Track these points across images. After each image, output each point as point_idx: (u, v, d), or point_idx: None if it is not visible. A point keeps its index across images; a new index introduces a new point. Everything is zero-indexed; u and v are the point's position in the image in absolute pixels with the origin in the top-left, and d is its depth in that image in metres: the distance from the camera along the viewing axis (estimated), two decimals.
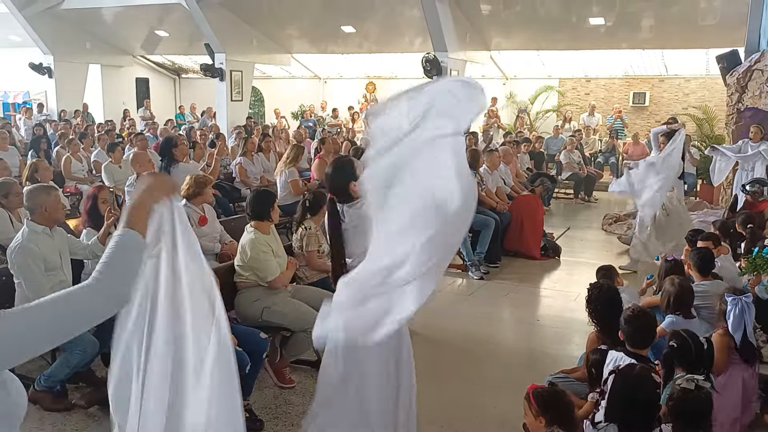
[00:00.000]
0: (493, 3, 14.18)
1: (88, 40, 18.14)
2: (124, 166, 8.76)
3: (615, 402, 2.83)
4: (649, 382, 2.84)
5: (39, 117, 16.64)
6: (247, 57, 16.95)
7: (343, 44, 17.99)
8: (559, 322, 6.24)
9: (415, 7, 13.55)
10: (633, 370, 2.88)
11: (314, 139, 13.03)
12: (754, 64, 9.42)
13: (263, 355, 4.19)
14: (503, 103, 18.82)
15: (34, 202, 4.28)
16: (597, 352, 3.48)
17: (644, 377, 2.84)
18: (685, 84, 17.61)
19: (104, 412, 4.16)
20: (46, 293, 4.12)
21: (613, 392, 2.86)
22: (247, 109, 17.80)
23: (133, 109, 19.80)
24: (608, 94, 18.43)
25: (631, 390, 2.78)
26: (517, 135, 14.62)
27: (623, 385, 2.82)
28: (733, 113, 9.74)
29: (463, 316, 6.20)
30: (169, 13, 16.30)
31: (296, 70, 21.24)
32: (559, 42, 15.87)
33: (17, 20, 16.47)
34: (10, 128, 13.52)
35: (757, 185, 7.52)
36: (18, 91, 20.19)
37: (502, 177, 9.05)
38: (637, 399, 2.75)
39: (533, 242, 8.24)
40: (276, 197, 4.71)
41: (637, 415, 2.74)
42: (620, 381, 2.85)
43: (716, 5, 12.61)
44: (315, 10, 15.30)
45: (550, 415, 2.76)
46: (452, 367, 4.98)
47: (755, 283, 4.70)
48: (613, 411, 2.83)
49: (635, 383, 2.80)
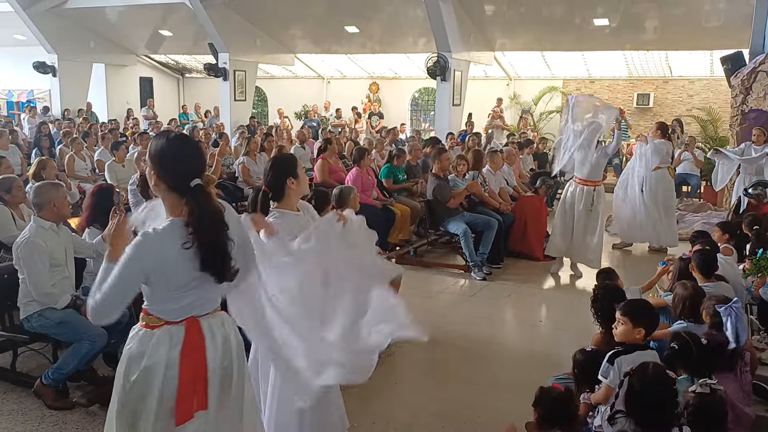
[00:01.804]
0: (497, 3, 14.16)
1: (92, 39, 18.18)
2: (128, 165, 8.78)
3: (633, 401, 2.82)
4: (666, 379, 2.84)
5: (43, 117, 16.66)
6: (250, 57, 16.97)
7: (347, 44, 17.99)
8: (562, 323, 6.23)
9: (418, 8, 13.55)
10: (648, 368, 2.87)
11: (317, 139, 13.01)
12: (758, 66, 9.39)
13: None
14: (507, 103, 18.80)
15: (42, 198, 4.31)
16: (583, 353, 3.48)
17: (660, 375, 2.84)
18: (690, 85, 17.57)
19: (105, 410, 4.15)
20: (47, 289, 4.17)
21: (631, 392, 2.85)
22: (250, 109, 17.82)
23: (137, 108, 19.83)
24: (612, 95, 18.39)
25: (649, 388, 2.78)
26: (520, 136, 14.60)
27: (640, 384, 2.81)
28: (737, 115, 9.70)
29: (465, 317, 6.19)
30: (173, 12, 16.33)
31: (300, 70, 21.26)
32: (563, 43, 15.84)
33: (21, 19, 16.51)
34: (12, 127, 13.55)
35: (759, 188, 7.48)
36: (22, 89, 20.23)
37: (505, 178, 9.03)
38: (655, 397, 2.75)
39: (536, 243, 8.22)
40: None
41: (656, 413, 2.75)
42: (637, 380, 2.84)
43: (721, 7, 12.57)
44: (319, 10, 15.30)
45: (546, 414, 2.77)
46: (454, 367, 4.97)
47: (760, 285, 4.68)
48: (632, 411, 2.83)
49: (652, 381, 2.80)
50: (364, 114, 19.89)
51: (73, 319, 4.18)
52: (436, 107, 15.38)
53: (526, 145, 12.37)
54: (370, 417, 4.16)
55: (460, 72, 14.57)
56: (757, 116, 9.29)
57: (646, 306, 3.54)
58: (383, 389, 4.26)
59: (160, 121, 16.92)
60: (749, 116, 9.45)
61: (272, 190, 3.32)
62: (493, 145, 11.47)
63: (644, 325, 3.33)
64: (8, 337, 4.48)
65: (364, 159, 8.39)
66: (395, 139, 13.86)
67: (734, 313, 3.63)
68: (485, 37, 15.67)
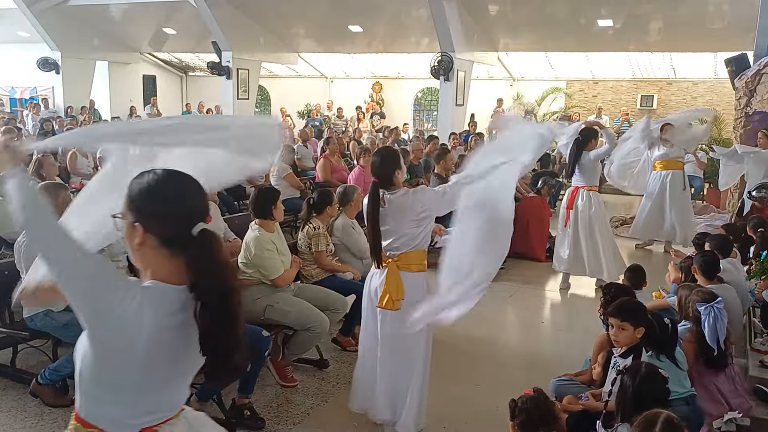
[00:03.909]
0: (501, 3, 14.14)
1: (96, 37, 18.18)
2: None
3: (626, 401, 2.81)
4: (659, 379, 2.83)
5: (46, 113, 16.66)
6: (254, 55, 16.97)
7: (350, 44, 17.98)
8: (564, 324, 6.21)
9: (422, 7, 13.53)
10: (640, 368, 2.86)
11: (320, 138, 13.00)
12: (762, 68, 9.35)
13: (265, 353, 4.17)
14: (510, 104, 18.77)
15: (47, 198, 4.26)
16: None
17: (653, 374, 2.83)
18: (693, 87, 17.55)
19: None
20: None
21: (623, 392, 2.84)
22: (253, 108, 17.81)
23: (140, 106, 19.84)
24: (616, 96, 18.38)
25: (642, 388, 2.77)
26: None
27: (633, 383, 2.80)
28: (741, 117, 9.66)
29: (466, 318, 6.05)
30: (176, 10, 16.33)
31: (303, 69, 21.25)
32: (567, 43, 15.82)
33: (25, 16, 16.52)
34: (15, 124, 13.55)
35: (763, 191, 7.45)
36: (25, 86, 20.24)
37: None
38: (648, 396, 2.74)
39: (538, 244, 8.20)
40: (279, 195, 4.68)
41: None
42: (629, 380, 2.82)
43: (725, 8, 12.54)
44: (322, 9, 15.29)
45: (521, 421, 2.75)
46: (455, 367, 4.95)
47: (763, 288, 4.66)
48: (624, 411, 2.81)
49: (644, 381, 2.79)
50: (367, 113, 19.88)
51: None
52: (439, 107, 15.37)
53: None
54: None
55: (463, 72, 14.55)
56: (761, 118, 9.26)
57: (637, 304, 3.52)
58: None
59: None
60: (753, 118, 9.42)
61: (380, 180, 3.65)
62: None
63: (644, 323, 3.33)
64: (8, 334, 4.47)
65: (366, 157, 8.38)
66: (398, 139, 13.84)
67: (714, 313, 3.63)
68: (489, 38, 15.66)
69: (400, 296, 3.58)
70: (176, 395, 1.77)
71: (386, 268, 3.62)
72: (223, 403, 4.03)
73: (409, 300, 3.52)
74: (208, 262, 1.65)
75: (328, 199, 5.39)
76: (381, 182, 3.64)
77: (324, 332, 4.55)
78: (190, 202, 1.71)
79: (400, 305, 3.56)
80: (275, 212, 4.58)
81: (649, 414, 2.42)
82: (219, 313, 1.63)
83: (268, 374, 4.56)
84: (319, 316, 4.49)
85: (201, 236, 1.67)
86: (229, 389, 4.10)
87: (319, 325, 4.46)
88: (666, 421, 2.34)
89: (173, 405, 1.77)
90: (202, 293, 1.62)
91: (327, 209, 5.34)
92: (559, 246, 7.12)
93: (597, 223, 6.80)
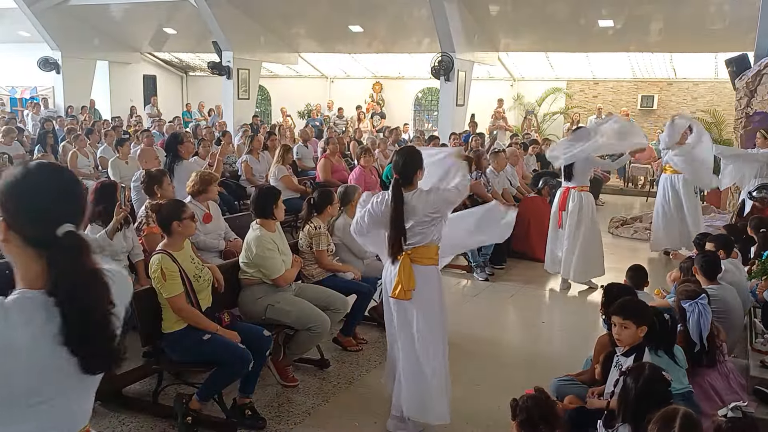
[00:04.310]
0: (501, 4, 14.14)
1: (96, 37, 18.17)
2: (131, 162, 8.77)
3: (628, 402, 2.81)
4: (662, 380, 2.82)
5: (45, 113, 16.67)
6: (254, 55, 16.96)
7: (351, 44, 17.97)
8: (564, 324, 6.21)
9: (423, 7, 13.53)
10: (644, 370, 2.86)
11: (321, 138, 13.00)
12: (763, 69, 9.34)
13: (266, 352, 4.17)
14: (510, 104, 18.76)
15: None
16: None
17: (656, 376, 2.83)
18: (694, 88, 17.54)
19: (106, 408, 4.15)
20: None
21: (626, 393, 2.83)
22: (253, 108, 17.81)
23: (141, 106, 19.83)
24: (616, 96, 18.37)
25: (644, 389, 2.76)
26: (524, 137, 14.57)
27: (636, 384, 2.79)
28: (741, 117, 9.66)
29: (467, 318, 6.17)
30: (177, 10, 16.32)
31: (303, 69, 21.24)
32: (567, 44, 15.82)
33: (26, 15, 16.51)
34: (16, 123, 13.56)
35: (764, 191, 7.45)
36: (25, 86, 20.24)
37: (508, 178, 9.01)
38: (650, 398, 2.73)
39: (539, 244, 8.17)
40: (280, 194, 4.69)
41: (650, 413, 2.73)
42: (632, 381, 2.82)
43: (726, 9, 12.53)
44: (323, 9, 15.29)
45: (522, 420, 2.75)
46: (456, 368, 4.93)
47: (764, 288, 4.65)
48: (626, 412, 2.81)
49: (647, 383, 2.78)
50: (368, 114, 19.88)
51: None
52: (440, 107, 15.37)
53: (531, 144, 12.36)
54: (372, 416, 4.15)
55: (464, 72, 14.55)
56: (761, 119, 9.25)
57: (640, 303, 3.53)
58: (385, 389, 4.24)
59: (163, 119, 16.91)
60: (754, 119, 9.42)
61: (403, 179, 3.78)
62: (496, 146, 11.45)
63: (646, 321, 3.33)
64: None
65: (366, 157, 8.38)
66: (398, 139, 13.84)
67: (698, 309, 3.65)
68: (489, 38, 15.65)
69: (412, 287, 3.72)
70: (77, 411, 1.61)
71: (399, 261, 3.75)
72: (224, 402, 4.02)
73: (420, 290, 3.72)
74: (69, 264, 1.50)
75: (329, 198, 5.39)
76: (402, 181, 3.76)
77: (325, 332, 4.55)
78: (51, 200, 1.53)
79: (411, 295, 3.73)
80: (276, 212, 4.59)
81: (667, 410, 2.43)
82: (82, 317, 1.48)
83: (269, 374, 4.56)
84: (320, 316, 4.49)
85: (66, 238, 1.51)
86: (230, 389, 4.10)
87: (320, 325, 4.46)
88: (684, 417, 2.35)
89: (74, 424, 1.60)
90: (62, 298, 1.47)
91: (327, 209, 5.35)
92: (554, 247, 7.20)
93: (584, 224, 6.92)
